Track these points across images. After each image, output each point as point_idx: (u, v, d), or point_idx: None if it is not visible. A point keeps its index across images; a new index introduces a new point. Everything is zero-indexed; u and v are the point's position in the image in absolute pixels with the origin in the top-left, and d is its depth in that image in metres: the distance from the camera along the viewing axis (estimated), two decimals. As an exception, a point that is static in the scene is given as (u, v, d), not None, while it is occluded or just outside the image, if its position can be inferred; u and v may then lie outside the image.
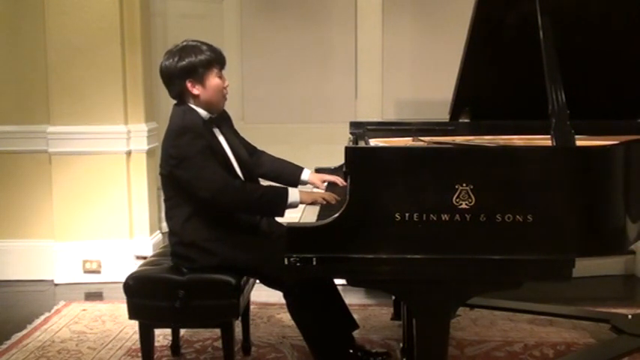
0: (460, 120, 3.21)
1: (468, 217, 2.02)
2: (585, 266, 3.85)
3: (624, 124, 2.94)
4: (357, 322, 2.94)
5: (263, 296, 3.48)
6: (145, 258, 3.09)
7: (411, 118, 4.39)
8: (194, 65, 2.63)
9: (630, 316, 3.30)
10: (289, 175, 2.95)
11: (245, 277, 2.68)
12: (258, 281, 2.81)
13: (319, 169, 3.14)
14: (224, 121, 2.84)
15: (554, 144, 2.16)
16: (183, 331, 3.23)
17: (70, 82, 4.17)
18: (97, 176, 4.23)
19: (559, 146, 2.14)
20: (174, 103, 2.74)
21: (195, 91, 2.66)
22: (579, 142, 2.21)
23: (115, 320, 3.57)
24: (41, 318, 3.63)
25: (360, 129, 3.32)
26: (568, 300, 3.64)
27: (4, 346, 3.25)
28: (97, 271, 4.26)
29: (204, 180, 2.54)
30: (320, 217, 2.42)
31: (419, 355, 2.16)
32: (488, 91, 3.08)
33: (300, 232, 2.09)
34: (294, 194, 2.60)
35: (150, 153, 4.38)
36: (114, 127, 4.21)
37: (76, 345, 3.27)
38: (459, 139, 2.89)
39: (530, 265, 2.06)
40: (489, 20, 2.85)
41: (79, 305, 3.84)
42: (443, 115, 3.29)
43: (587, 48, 2.87)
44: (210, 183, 2.54)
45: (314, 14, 5.24)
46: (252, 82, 5.25)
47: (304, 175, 2.95)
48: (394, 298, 3.39)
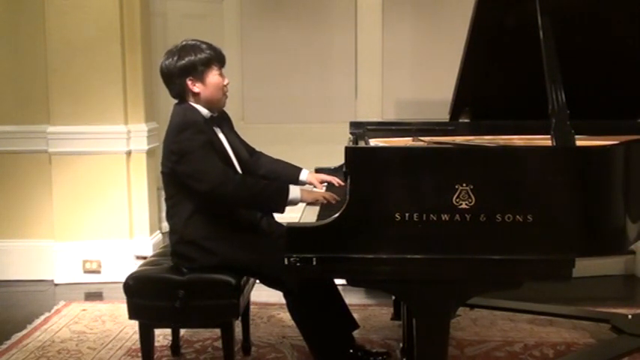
0: (460, 120, 3.21)
1: (468, 217, 2.02)
2: (585, 266, 3.85)
3: (624, 124, 2.94)
4: (357, 322, 2.94)
5: (263, 296, 3.48)
6: (145, 258, 3.09)
7: (411, 118, 4.38)
8: (194, 63, 2.64)
9: (630, 316, 3.30)
10: (288, 176, 2.95)
11: (245, 277, 2.68)
12: (258, 281, 2.82)
13: (319, 169, 3.14)
14: (224, 122, 2.85)
15: (554, 144, 2.16)
16: (183, 331, 3.23)
17: (70, 82, 4.17)
18: (97, 176, 4.23)
19: (559, 146, 2.14)
20: (174, 102, 2.75)
21: (196, 89, 2.67)
22: (579, 142, 2.21)
23: (115, 320, 3.57)
24: (41, 318, 3.63)
25: (360, 129, 3.32)
26: (568, 300, 3.63)
27: (4, 346, 3.25)
28: (97, 271, 4.26)
29: (205, 173, 2.54)
30: (320, 217, 2.42)
31: (419, 355, 2.15)
32: (488, 91, 3.08)
33: (300, 232, 2.09)
34: (294, 191, 2.61)
35: (150, 153, 4.38)
36: (114, 127, 4.21)
37: (76, 345, 3.27)
38: (459, 139, 2.89)
39: (530, 265, 2.06)
40: (489, 20, 2.85)
41: (79, 305, 3.84)
42: (443, 115, 3.29)
43: (587, 48, 2.87)
44: (211, 176, 2.55)
45: (314, 14, 5.25)
46: (252, 82, 5.26)
47: (303, 176, 2.95)
48: (394, 298, 3.39)
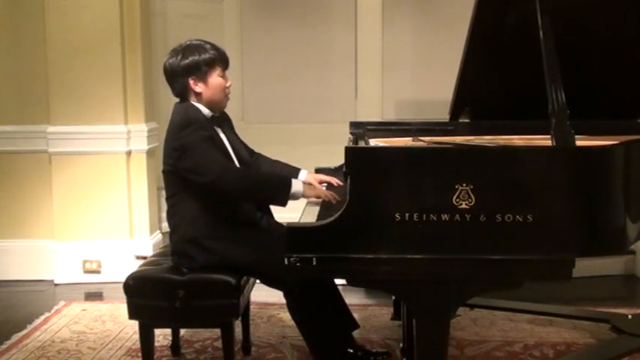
0: (460, 120, 3.21)
1: (468, 217, 2.02)
2: (585, 266, 3.84)
3: (624, 124, 2.94)
4: (357, 322, 2.94)
5: (263, 296, 3.49)
6: (145, 258, 3.09)
7: (411, 118, 4.38)
8: (197, 63, 2.65)
9: (630, 316, 3.30)
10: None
11: (245, 277, 2.68)
12: (258, 281, 2.82)
13: (319, 169, 3.14)
14: (225, 122, 2.85)
15: (554, 144, 2.15)
16: (183, 331, 3.23)
17: (70, 82, 4.17)
18: (97, 176, 4.23)
19: (559, 146, 2.14)
20: (175, 102, 2.75)
21: (198, 89, 2.68)
22: (579, 142, 2.21)
23: (115, 320, 3.57)
24: (41, 318, 3.63)
25: (360, 129, 3.32)
26: (568, 300, 3.63)
27: (4, 346, 3.25)
28: (97, 271, 4.26)
29: (206, 165, 2.55)
30: (320, 217, 2.42)
31: (419, 355, 2.15)
32: (488, 91, 3.08)
33: (300, 232, 2.09)
34: (297, 185, 2.62)
35: (150, 153, 4.38)
36: (114, 127, 4.21)
37: (76, 345, 3.27)
38: (459, 139, 2.89)
39: (530, 265, 2.06)
40: (489, 20, 2.85)
41: (79, 305, 3.84)
42: (443, 115, 3.29)
43: (587, 48, 2.87)
44: (213, 168, 2.55)
45: (314, 14, 5.24)
46: (252, 82, 5.25)
47: (301, 176, 2.95)
48: (394, 298, 3.39)
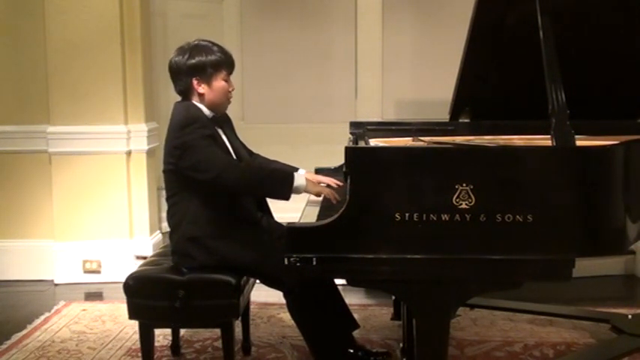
0: (460, 120, 3.21)
1: (468, 217, 2.02)
2: (585, 266, 3.84)
3: (624, 124, 2.93)
4: (357, 322, 2.93)
5: (263, 296, 3.49)
6: (145, 258, 3.09)
7: (411, 118, 4.39)
8: (203, 64, 2.65)
9: (630, 316, 3.30)
10: None
11: (245, 277, 2.68)
12: (258, 281, 2.82)
13: (319, 169, 3.14)
14: (226, 123, 2.85)
15: (554, 144, 2.15)
16: (183, 331, 3.23)
17: (70, 82, 4.17)
18: (97, 176, 4.23)
19: (559, 146, 2.14)
20: (175, 101, 2.75)
21: (201, 90, 2.68)
22: (579, 142, 2.21)
23: (115, 320, 3.57)
24: (41, 318, 3.62)
25: (360, 129, 3.32)
26: (568, 300, 3.63)
27: (4, 346, 3.25)
28: (97, 271, 4.26)
29: (208, 162, 2.55)
30: (320, 217, 2.42)
31: (419, 355, 2.15)
32: (488, 91, 3.08)
33: (300, 232, 2.09)
34: (300, 178, 2.60)
35: (150, 153, 4.38)
36: (114, 127, 4.21)
37: (76, 345, 3.27)
38: (459, 139, 2.89)
39: (530, 265, 2.06)
40: (489, 20, 2.85)
41: (79, 305, 3.84)
42: (443, 115, 3.29)
43: (587, 48, 2.87)
44: (216, 162, 2.55)
45: (314, 14, 5.25)
46: (252, 82, 5.25)
47: None
48: (394, 298, 3.39)
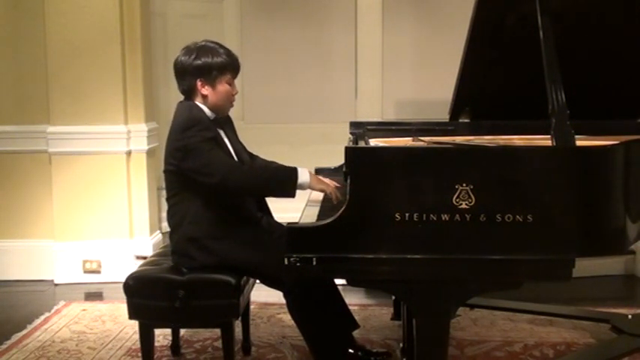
0: (460, 120, 3.21)
1: (468, 217, 2.02)
2: (585, 266, 3.84)
3: (624, 124, 2.94)
4: (357, 322, 2.93)
5: (263, 296, 3.49)
6: (145, 258, 3.09)
7: (411, 118, 4.38)
8: (209, 66, 2.65)
9: (630, 316, 3.30)
10: None
11: (245, 277, 2.68)
12: (258, 281, 2.82)
13: (319, 169, 3.14)
14: (227, 125, 2.85)
15: (554, 144, 2.15)
16: (183, 331, 3.23)
17: (70, 82, 4.17)
18: (97, 176, 4.23)
19: (559, 146, 2.14)
20: (177, 101, 2.75)
21: (204, 92, 2.68)
22: (579, 142, 2.21)
23: (115, 320, 3.57)
24: (41, 318, 3.62)
25: (360, 129, 3.32)
26: (568, 300, 3.63)
27: (4, 346, 3.25)
28: (97, 271, 4.26)
29: (212, 165, 2.54)
30: (320, 217, 2.42)
31: (419, 355, 2.15)
32: (488, 91, 3.08)
33: (300, 232, 2.09)
34: (304, 174, 2.58)
35: (150, 153, 4.38)
36: (114, 127, 4.21)
37: (76, 345, 3.27)
38: (459, 139, 2.89)
39: (530, 265, 2.06)
40: (489, 20, 2.85)
41: (79, 305, 3.84)
42: (443, 115, 3.29)
43: (587, 48, 2.87)
44: (220, 165, 2.55)
45: (314, 14, 5.24)
46: (252, 82, 5.25)
47: None
48: (394, 298, 3.39)
